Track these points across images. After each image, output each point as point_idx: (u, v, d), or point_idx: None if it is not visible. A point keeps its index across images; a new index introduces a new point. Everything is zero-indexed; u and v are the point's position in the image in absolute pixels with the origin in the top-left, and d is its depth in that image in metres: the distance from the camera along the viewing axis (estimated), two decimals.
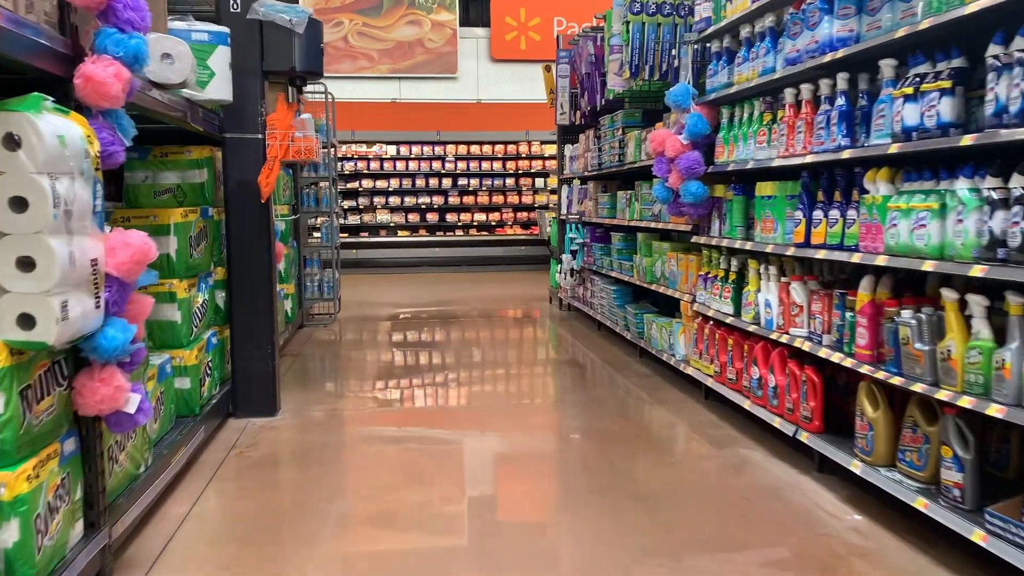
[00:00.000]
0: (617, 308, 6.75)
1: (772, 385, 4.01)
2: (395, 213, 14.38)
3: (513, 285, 12.05)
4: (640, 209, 6.13)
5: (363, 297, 10.78)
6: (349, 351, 7.23)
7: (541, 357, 7.04)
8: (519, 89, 14.90)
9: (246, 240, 4.70)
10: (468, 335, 7.89)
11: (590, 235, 7.66)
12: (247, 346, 4.74)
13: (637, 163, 6.14)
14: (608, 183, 7.60)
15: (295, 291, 7.62)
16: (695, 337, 5.03)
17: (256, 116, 4.64)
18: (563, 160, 9.03)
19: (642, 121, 6.55)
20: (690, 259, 5.17)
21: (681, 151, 4.76)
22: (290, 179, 7.73)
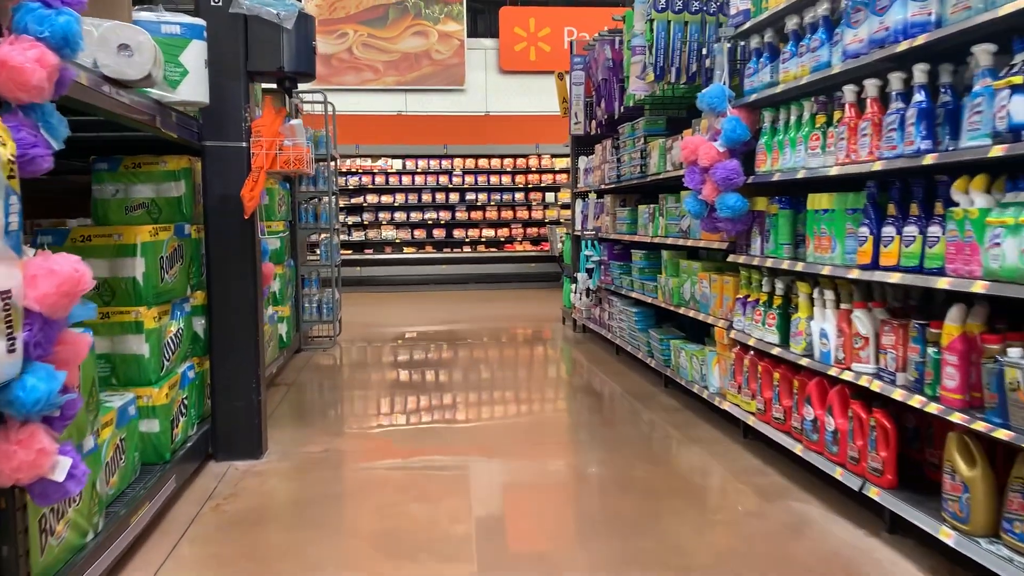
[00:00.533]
0: (639, 332, 6.20)
1: (831, 429, 3.45)
2: (401, 229, 13.90)
3: (524, 304, 11.52)
4: (665, 224, 5.60)
5: (366, 317, 10.26)
6: (349, 379, 6.69)
7: (557, 387, 6.49)
8: (528, 101, 14.44)
9: (228, 261, 4.18)
10: (477, 361, 7.35)
11: (607, 252, 7.12)
12: (229, 380, 4.21)
13: (661, 174, 5.61)
14: (627, 197, 7.07)
15: (291, 313, 7.10)
16: (732, 368, 4.48)
17: (239, 122, 4.13)
18: (577, 173, 8.52)
19: (666, 129, 6.03)
20: (725, 280, 4.62)
21: (717, 159, 4.23)
22: (287, 194, 7.23)
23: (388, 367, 7.11)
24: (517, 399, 5.90)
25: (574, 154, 8.54)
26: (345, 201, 13.69)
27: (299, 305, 7.58)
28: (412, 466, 4.24)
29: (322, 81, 14.16)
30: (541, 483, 4.05)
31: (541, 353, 7.95)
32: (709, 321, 4.82)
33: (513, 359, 7.53)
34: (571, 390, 6.25)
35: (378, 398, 5.93)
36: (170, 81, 3.51)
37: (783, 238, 3.95)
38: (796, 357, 3.77)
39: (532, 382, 6.59)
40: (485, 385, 6.33)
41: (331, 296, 7.74)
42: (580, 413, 5.53)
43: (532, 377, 6.79)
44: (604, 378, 6.36)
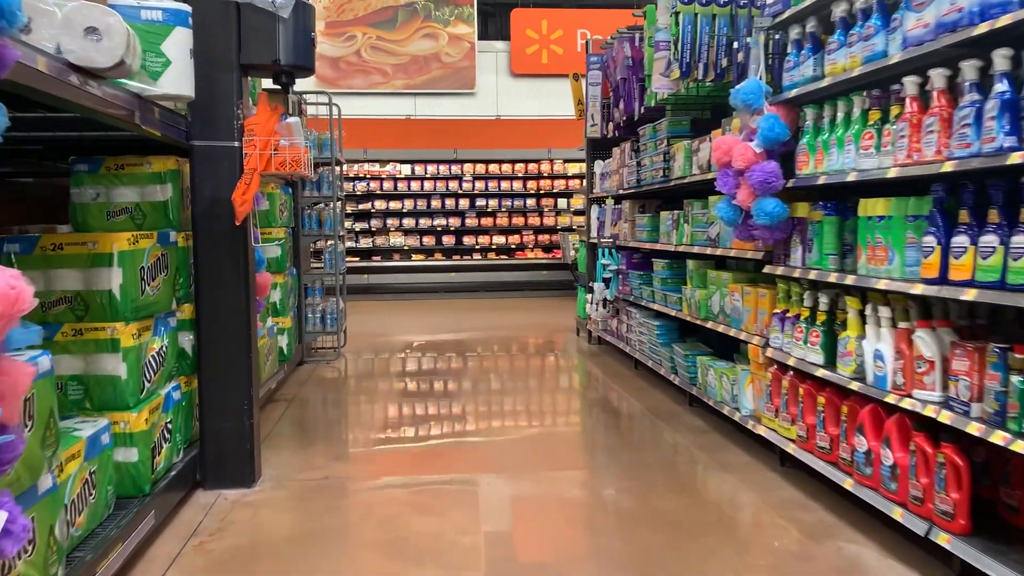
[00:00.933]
0: (661, 347, 5.82)
1: (889, 463, 3.06)
2: (409, 236, 13.56)
3: (536, 313, 11.15)
4: (691, 232, 5.22)
5: (373, 327, 9.91)
6: (353, 393, 6.33)
7: (573, 404, 6.11)
8: (540, 105, 14.09)
9: (218, 271, 3.83)
10: (488, 373, 6.98)
11: (626, 261, 6.75)
12: (218, 401, 3.85)
13: (687, 178, 5.24)
14: (646, 202, 6.70)
15: (293, 324, 6.75)
16: (769, 390, 4.09)
17: (231, 119, 3.78)
18: (592, 177, 8.15)
19: (690, 130, 5.66)
20: (760, 293, 4.24)
21: (753, 161, 3.86)
22: (289, 199, 6.89)
23: (394, 381, 6.75)
24: (530, 417, 5.53)
25: (590, 158, 8.17)
26: (352, 207, 13.37)
27: (302, 315, 7.24)
28: (418, 493, 3.86)
29: (329, 84, 13.87)
30: (558, 515, 3.67)
31: (555, 366, 7.58)
32: (741, 337, 4.44)
33: (526, 372, 7.16)
34: (588, 407, 5.87)
35: (383, 415, 5.57)
36: (150, 72, 3.16)
37: (828, 248, 3.58)
38: (844, 380, 3.39)
39: (546, 398, 6.21)
40: (496, 401, 5.96)
41: (335, 306, 7.39)
42: (598, 433, 5.15)
43: (546, 392, 6.41)
44: (622, 394, 5.98)
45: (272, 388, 5.76)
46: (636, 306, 6.63)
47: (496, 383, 6.62)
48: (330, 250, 7.40)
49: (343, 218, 8.14)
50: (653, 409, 5.46)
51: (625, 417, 5.43)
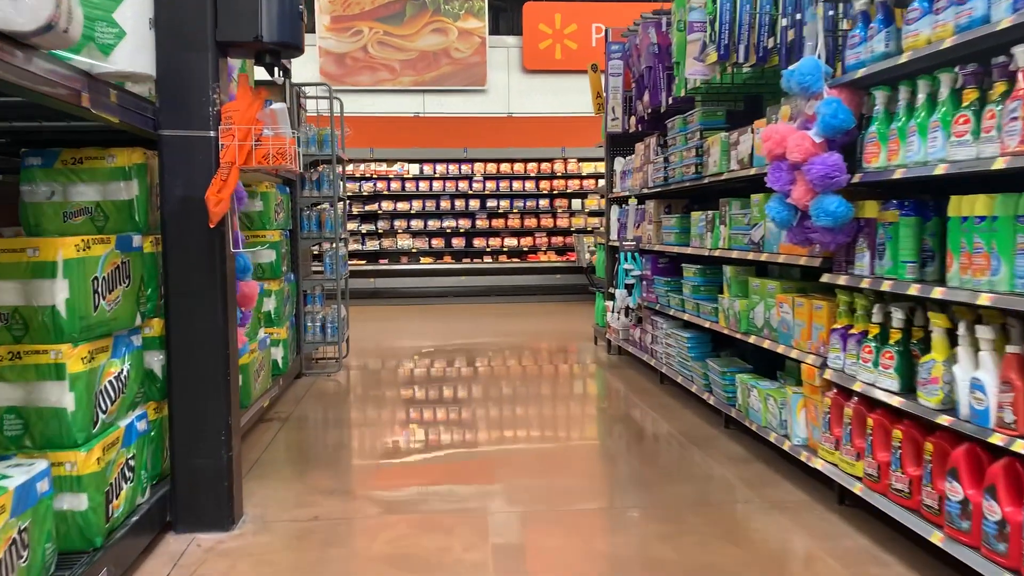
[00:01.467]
0: (692, 361, 5.28)
1: (995, 519, 2.51)
2: (417, 238, 13.04)
3: (550, 320, 10.61)
4: (729, 235, 4.68)
5: (379, 335, 9.40)
6: (354, 411, 5.81)
7: (593, 425, 5.57)
8: (554, 102, 13.58)
9: (192, 280, 3.31)
10: (500, 388, 6.45)
11: (651, 266, 6.20)
12: (192, 431, 3.33)
13: (723, 175, 4.70)
14: (673, 202, 6.16)
15: (289, 335, 6.24)
16: (827, 418, 3.54)
17: (206, 105, 3.27)
18: (612, 176, 7.61)
19: (726, 122, 5.11)
20: (816, 305, 3.69)
21: (812, 153, 3.31)
22: (286, 199, 6.38)
23: (399, 396, 6.22)
24: (546, 441, 4.99)
25: (609, 155, 7.63)
26: (359, 208, 12.88)
27: (300, 324, 6.73)
28: (419, 533, 3.33)
29: (335, 81, 13.38)
30: (581, 567, 3.13)
31: (572, 379, 7.03)
32: (792, 355, 3.89)
33: (541, 386, 6.62)
34: (610, 428, 5.33)
35: (386, 438, 5.05)
36: (100, 45, 2.65)
37: (906, 254, 3.03)
38: (928, 412, 2.84)
39: (563, 418, 5.67)
40: (508, 422, 5.43)
41: (336, 314, 6.87)
42: (624, 461, 4.60)
43: (563, 411, 5.87)
44: (648, 412, 5.44)
45: (264, 406, 5.25)
46: (663, 315, 6.09)
47: (509, 400, 6.09)
48: (330, 254, 6.88)
49: (345, 219, 7.63)
50: (685, 432, 4.91)
51: (652, 440, 4.88)
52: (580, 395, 6.45)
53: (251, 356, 4.93)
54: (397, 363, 7.53)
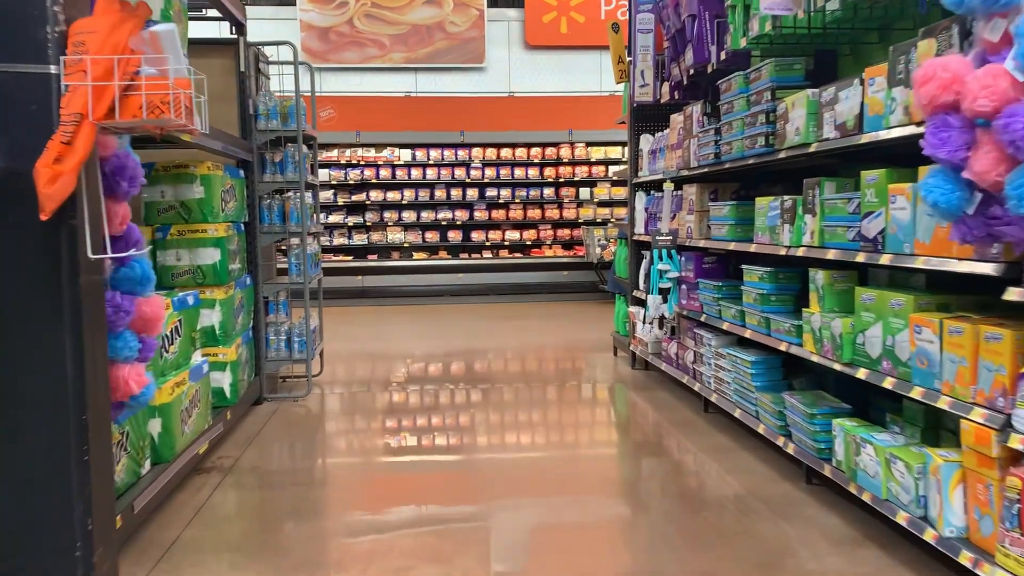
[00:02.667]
0: (759, 392, 4.05)
1: None
2: (410, 231, 11.81)
3: (559, 323, 9.37)
4: (820, 228, 3.44)
5: (363, 343, 8.16)
6: (322, 454, 4.58)
7: (626, 475, 4.34)
8: (560, 81, 12.34)
9: (16, 308, 2.07)
10: (504, 416, 5.23)
11: (694, 267, 4.97)
12: (15, 541, 2.09)
13: (812, 145, 3.46)
14: (721, 186, 4.93)
15: (244, 354, 5.00)
16: (1015, 509, 2.31)
17: (41, 22, 2.02)
18: (638, 156, 6.36)
19: (805, 79, 3.87)
20: (989, 335, 2.45)
21: (1011, 99, 2.08)
22: (239, 183, 5.14)
23: (380, 431, 5.00)
24: (565, 509, 3.76)
25: (634, 131, 6.38)
26: (345, 198, 11.64)
27: (260, 339, 5.48)
28: None
29: (318, 58, 12.12)
30: None
31: (594, 405, 5.81)
32: (940, 404, 2.65)
33: (555, 415, 5.40)
34: (647, 481, 4.09)
35: (361, 498, 3.82)
36: None
37: None
38: None
39: (587, 466, 4.44)
40: (515, 472, 4.21)
41: (305, 324, 5.63)
42: (680, 543, 3.36)
43: (586, 454, 4.64)
44: (695, 457, 4.22)
45: (200, 452, 4.01)
46: (710, 328, 4.86)
47: (514, 433, 4.87)
48: (296, 252, 5.63)
49: (317, 210, 6.39)
50: (752, 490, 3.68)
51: (715, 505, 3.63)
52: (603, 428, 5.22)
53: (179, 390, 3.70)
54: (382, 381, 6.30)
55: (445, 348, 7.87)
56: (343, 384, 6.23)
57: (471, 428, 4.98)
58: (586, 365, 6.90)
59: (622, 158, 11.92)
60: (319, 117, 11.56)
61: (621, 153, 11.93)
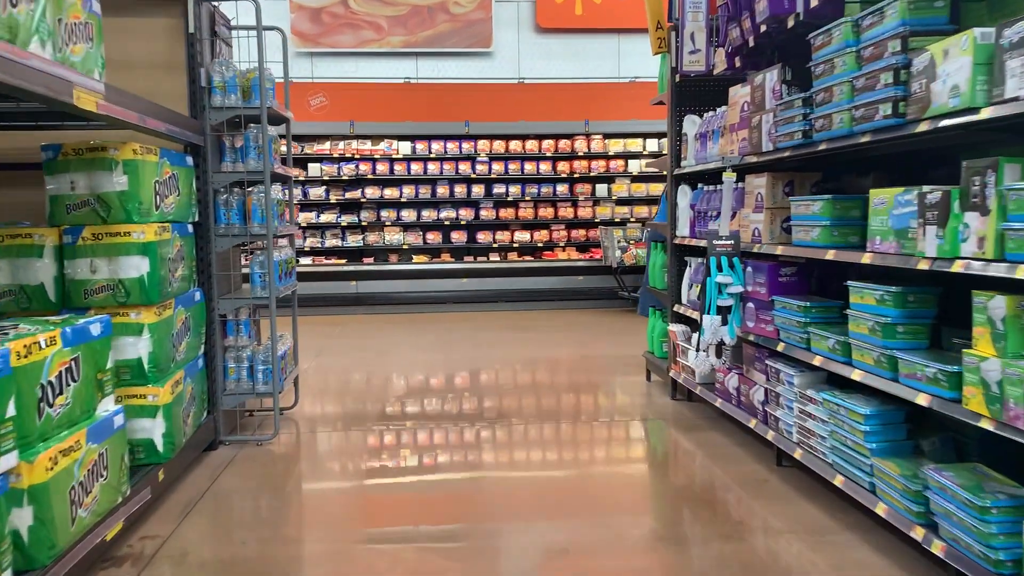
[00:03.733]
0: (878, 456, 2.93)
1: None
2: (409, 232, 10.71)
3: (577, 336, 8.26)
4: (997, 232, 2.32)
5: (352, 360, 7.06)
6: (284, 525, 3.46)
7: (690, 565, 3.22)
8: (574, 67, 11.26)
9: None
10: (519, 467, 4.13)
11: (767, 280, 3.86)
12: None
13: (982, 110, 2.35)
14: (798, 176, 3.83)
15: (187, 390, 3.89)
16: None
17: None
18: (680, 142, 5.24)
19: (949, 23, 2.76)
20: None
21: None
22: (184, 173, 4.05)
23: (364, 487, 3.90)
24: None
25: (675, 113, 5.26)
26: (338, 196, 10.56)
27: (214, 369, 4.38)
28: None
29: (310, 42, 11.04)
30: None
31: (627, 447, 4.70)
32: None
33: (584, 468, 4.29)
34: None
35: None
36: None
37: None
38: None
39: (628, 552, 3.33)
40: (539, 548, 3.10)
41: (271, 349, 4.52)
42: None
43: (629, 528, 3.53)
44: (784, 540, 3.11)
45: (109, 539, 2.90)
46: (791, 362, 3.75)
47: (533, 503, 3.76)
48: (261, 259, 4.51)
49: (291, 206, 5.28)
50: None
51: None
52: (648, 491, 4.11)
53: (59, 465, 2.59)
54: (370, 416, 5.19)
55: (447, 367, 6.77)
56: (322, 420, 5.13)
57: (479, 495, 3.88)
58: (615, 393, 5.79)
59: (643, 151, 10.82)
60: (308, 105, 10.49)
61: (641, 146, 10.83)
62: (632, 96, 10.79)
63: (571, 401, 5.62)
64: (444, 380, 6.33)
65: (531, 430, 4.82)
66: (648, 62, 11.15)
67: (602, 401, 5.66)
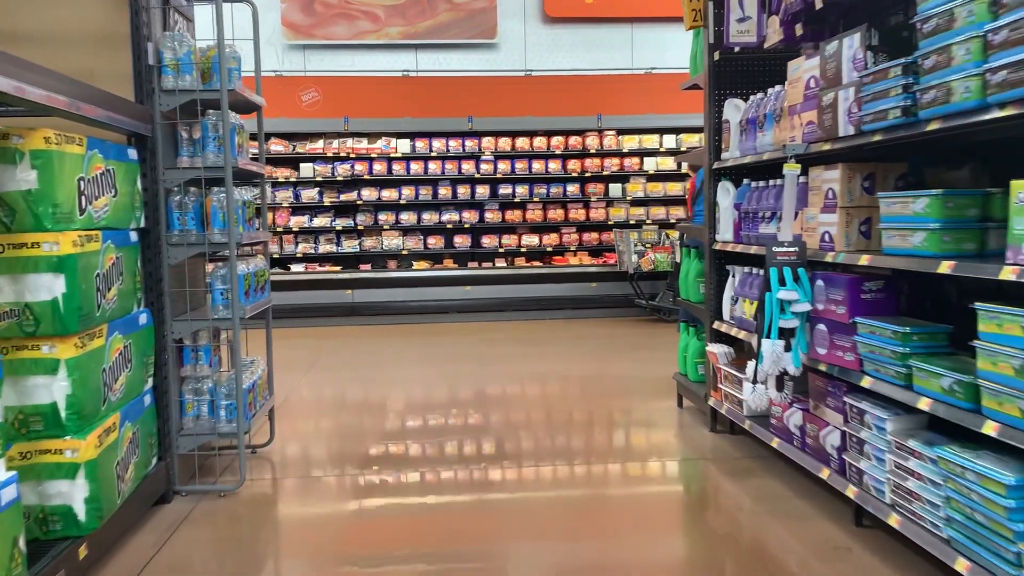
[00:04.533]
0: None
1: None
2: (409, 236, 9.97)
3: (592, 350, 7.49)
4: None
5: (343, 380, 6.30)
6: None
7: None
8: (585, 58, 10.53)
9: None
10: (537, 535, 3.36)
11: (846, 296, 3.09)
12: None
13: None
14: (880, 168, 3.07)
15: (120, 441, 3.14)
16: None
17: None
18: (719, 130, 4.48)
19: None
20: None
21: None
22: (124, 169, 3.30)
23: (350, 553, 3.14)
24: None
25: (714, 97, 4.49)
26: (332, 198, 9.83)
27: (168, 403, 3.63)
28: None
29: (302, 34, 10.30)
30: None
31: (663, 499, 3.93)
32: None
33: (608, 534, 3.53)
34: None
35: None
36: None
37: None
38: None
39: None
40: None
41: (235, 381, 3.75)
42: None
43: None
44: None
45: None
46: (879, 400, 2.98)
47: (553, 558, 3.00)
48: (222, 273, 3.75)
49: (259, 212, 4.54)
50: None
51: None
52: (689, 558, 3.34)
53: None
54: (358, 457, 4.44)
55: (450, 390, 6.01)
56: (302, 462, 4.37)
57: (488, 539, 3.11)
58: (642, 424, 5.02)
59: (659, 148, 10.06)
60: (300, 101, 9.76)
61: (658, 142, 10.08)
62: (648, 89, 10.06)
63: (591, 436, 4.86)
64: (446, 408, 5.57)
65: (544, 477, 4.06)
66: (665, 52, 10.43)
67: (628, 434, 4.89)
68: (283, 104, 9.69)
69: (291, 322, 9.31)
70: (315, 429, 4.98)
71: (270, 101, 10.28)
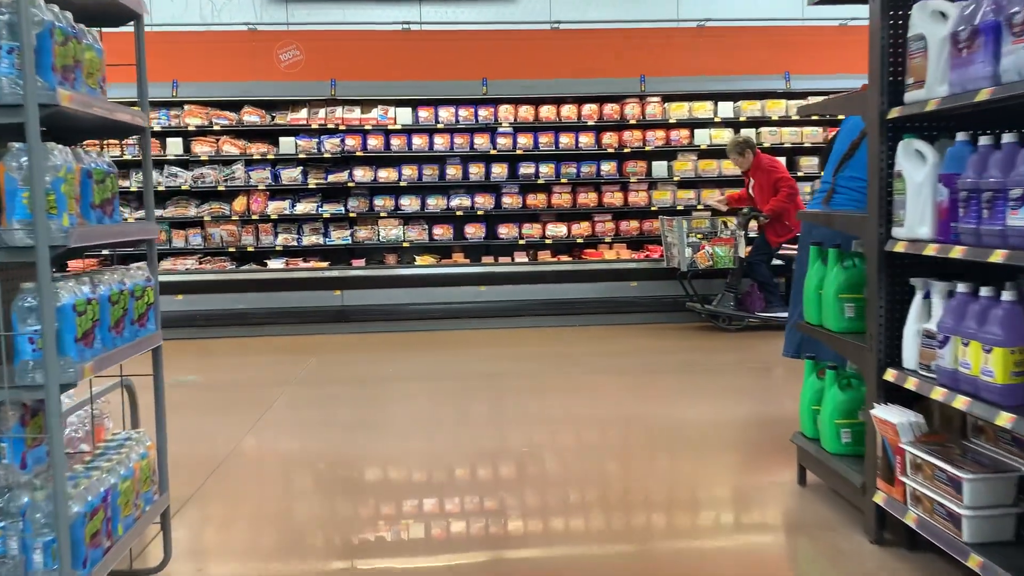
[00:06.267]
0: None
1: None
2: (411, 225, 8.30)
3: (645, 373, 5.77)
4: None
5: (310, 431, 4.58)
6: None
7: None
8: (623, 9, 8.96)
9: None
10: None
11: None
12: None
13: None
14: None
15: None
16: None
17: None
18: (899, 55, 2.71)
19: None
20: None
21: None
22: None
23: None
24: None
25: (886, 3, 2.72)
26: (319, 179, 8.22)
27: None
28: None
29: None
30: None
31: None
32: None
33: None
34: None
35: None
36: None
37: None
38: None
39: None
40: None
41: (56, 496, 2.04)
42: None
43: None
44: None
45: None
46: None
47: None
48: (28, 303, 2.05)
49: (113, 187, 2.99)
50: None
51: None
52: None
53: None
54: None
55: (455, 445, 4.31)
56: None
57: None
58: (752, 526, 3.29)
59: (713, 117, 8.36)
60: (278, 61, 8.06)
61: (712, 110, 8.36)
62: (699, 46, 8.32)
63: (667, 549, 3.14)
64: (449, 487, 3.88)
65: None
66: (718, 1, 8.73)
67: (734, 544, 3.17)
68: (258, 65, 8.04)
69: (264, 330, 7.69)
70: (249, 530, 3.27)
71: (243, 61, 8.55)
